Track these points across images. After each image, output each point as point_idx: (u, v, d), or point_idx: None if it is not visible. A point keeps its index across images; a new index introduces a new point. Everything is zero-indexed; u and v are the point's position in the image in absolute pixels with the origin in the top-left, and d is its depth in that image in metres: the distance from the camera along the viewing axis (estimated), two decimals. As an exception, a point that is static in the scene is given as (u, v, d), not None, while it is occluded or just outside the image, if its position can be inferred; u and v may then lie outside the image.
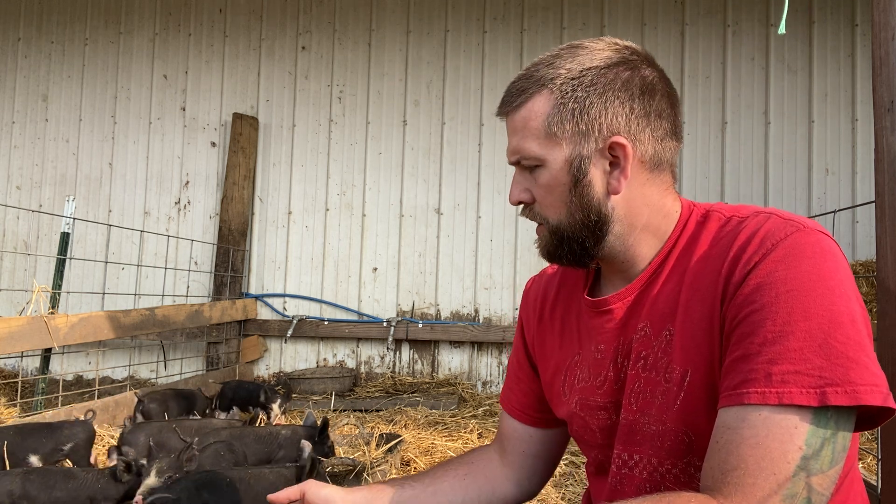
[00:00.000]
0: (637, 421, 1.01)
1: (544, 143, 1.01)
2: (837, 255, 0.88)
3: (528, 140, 1.02)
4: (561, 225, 1.04)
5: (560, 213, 1.04)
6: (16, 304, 5.52)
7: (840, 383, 0.79)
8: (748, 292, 0.88)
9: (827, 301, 0.83)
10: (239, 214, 5.31)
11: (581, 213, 1.02)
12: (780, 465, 0.79)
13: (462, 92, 5.38)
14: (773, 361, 0.82)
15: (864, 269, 4.21)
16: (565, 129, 1.00)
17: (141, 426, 2.79)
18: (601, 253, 1.05)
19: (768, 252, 0.89)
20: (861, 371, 0.80)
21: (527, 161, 1.03)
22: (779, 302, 0.84)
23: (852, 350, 0.81)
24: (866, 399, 0.79)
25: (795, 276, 0.85)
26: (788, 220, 0.93)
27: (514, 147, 1.04)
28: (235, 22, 5.64)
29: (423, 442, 3.35)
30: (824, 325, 0.82)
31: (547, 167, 1.02)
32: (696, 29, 5.24)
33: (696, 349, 0.94)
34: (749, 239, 0.92)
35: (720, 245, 0.96)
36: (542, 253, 1.11)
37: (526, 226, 5.23)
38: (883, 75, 1.68)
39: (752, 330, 0.85)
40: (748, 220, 0.96)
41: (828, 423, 0.80)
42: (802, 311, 0.83)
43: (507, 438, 1.29)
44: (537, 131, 1.01)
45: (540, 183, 1.03)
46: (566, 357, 1.17)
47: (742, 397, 0.83)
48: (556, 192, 1.02)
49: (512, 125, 1.04)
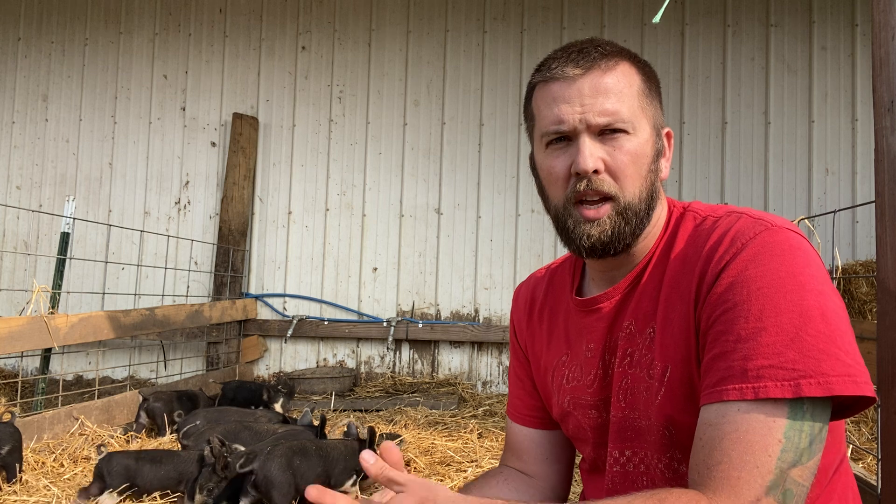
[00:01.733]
0: (627, 417, 1.03)
1: (637, 111, 0.99)
2: (808, 252, 0.90)
3: (624, 104, 0.98)
4: (634, 199, 0.99)
5: (636, 185, 1.00)
6: (16, 304, 5.52)
7: (813, 375, 0.81)
8: (721, 291, 0.89)
9: (797, 296, 0.85)
10: (239, 214, 5.31)
11: (651, 189, 1.02)
12: (762, 458, 0.80)
13: (462, 92, 5.38)
14: (748, 357, 0.84)
15: (864, 269, 4.21)
16: (650, 104, 1.02)
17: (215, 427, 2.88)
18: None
19: (738, 251, 0.90)
20: (833, 362, 0.82)
21: (621, 125, 0.98)
22: (751, 300, 0.86)
23: (823, 342, 0.82)
24: (839, 389, 0.81)
25: (765, 274, 0.87)
26: (758, 219, 0.94)
27: (608, 109, 0.97)
28: (235, 22, 5.64)
29: (423, 442, 3.35)
30: (795, 319, 0.83)
31: (636, 135, 0.99)
32: (696, 29, 5.24)
33: (675, 346, 0.96)
34: (720, 239, 0.94)
35: (695, 245, 0.98)
36: (601, 240, 1.00)
37: (526, 226, 5.24)
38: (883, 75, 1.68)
39: (727, 328, 0.87)
40: (720, 221, 0.98)
41: (804, 416, 0.82)
42: (774, 308, 0.85)
43: (522, 450, 1.26)
44: (633, 97, 0.99)
45: (625, 150, 0.98)
46: (553, 357, 1.18)
47: (721, 394, 0.85)
48: (639, 163, 0.99)
49: (602, 85, 0.98)
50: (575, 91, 0.98)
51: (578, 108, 0.97)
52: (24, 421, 3.07)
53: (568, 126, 0.98)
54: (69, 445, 3.09)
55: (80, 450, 3.06)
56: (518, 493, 1.19)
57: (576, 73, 0.98)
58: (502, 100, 5.33)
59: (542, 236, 5.22)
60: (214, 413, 3.28)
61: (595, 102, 0.97)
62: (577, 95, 0.98)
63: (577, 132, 0.98)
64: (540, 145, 1.05)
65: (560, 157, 1.01)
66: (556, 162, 1.01)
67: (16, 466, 2.58)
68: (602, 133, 0.98)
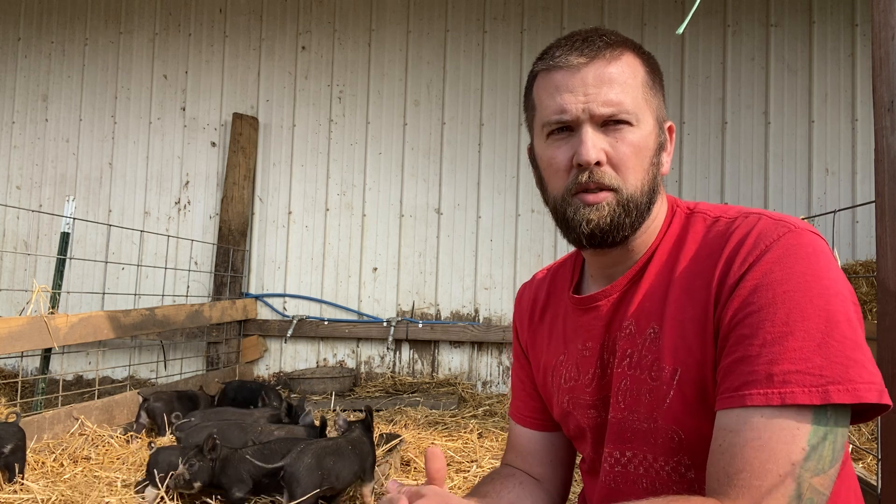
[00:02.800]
0: (626, 419, 1.01)
1: (641, 102, 0.98)
2: (829, 256, 0.89)
3: (628, 95, 0.96)
4: (636, 191, 0.98)
5: (638, 178, 0.98)
6: (16, 304, 5.52)
7: (841, 381, 0.80)
8: (745, 294, 0.87)
9: (823, 301, 0.83)
10: (239, 214, 5.31)
11: (654, 182, 1.00)
12: (785, 466, 0.79)
13: (462, 92, 5.38)
14: (774, 362, 0.82)
15: (864, 269, 4.21)
16: (653, 96, 1.01)
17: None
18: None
19: (763, 253, 0.88)
20: (859, 369, 0.81)
21: (625, 116, 0.96)
22: (776, 303, 0.84)
23: (850, 349, 0.81)
24: (866, 396, 0.80)
25: (792, 277, 0.85)
26: (779, 220, 0.93)
27: (612, 99, 0.95)
28: (235, 22, 5.64)
29: (423, 442, 3.35)
30: (822, 324, 0.82)
31: (640, 127, 0.97)
32: (696, 29, 5.24)
33: (687, 349, 0.93)
34: (742, 240, 0.92)
35: (711, 246, 0.96)
36: (600, 225, 0.97)
37: (526, 226, 5.23)
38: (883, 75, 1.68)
39: (752, 332, 0.85)
40: (738, 222, 0.96)
41: (828, 423, 0.80)
42: (800, 312, 0.83)
43: (527, 453, 1.24)
44: (637, 88, 0.98)
45: (628, 142, 0.96)
46: (552, 358, 1.17)
47: (744, 399, 0.82)
48: (641, 155, 0.98)
49: (606, 75, 0.96)
50: (578, 80, 0.96)
51: (582, 97, 0.95)
52: (24, 421, 3.07)
53: (571, 115, 0.96)
54: (69, 445, 3.09)
55: (80, 450, 3.06)
56: (533, 498, 1.18)
57: (580, 62, 0.96)
58: (502, 100, 5.33)
59: (542, 236, 5.22)
60: (212, 413, 3.30)
61: (599, 92, 0.95)
62: (581, 85, 0.95)
63: (579, 122, 0.96)
64: (540, 135, 1.02)
65: (562, 148, 0.98)
66: (557, 152, 0.99)
67: (15, 467, 2.58)
68: (605, 124, 0.96)
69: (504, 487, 1.19)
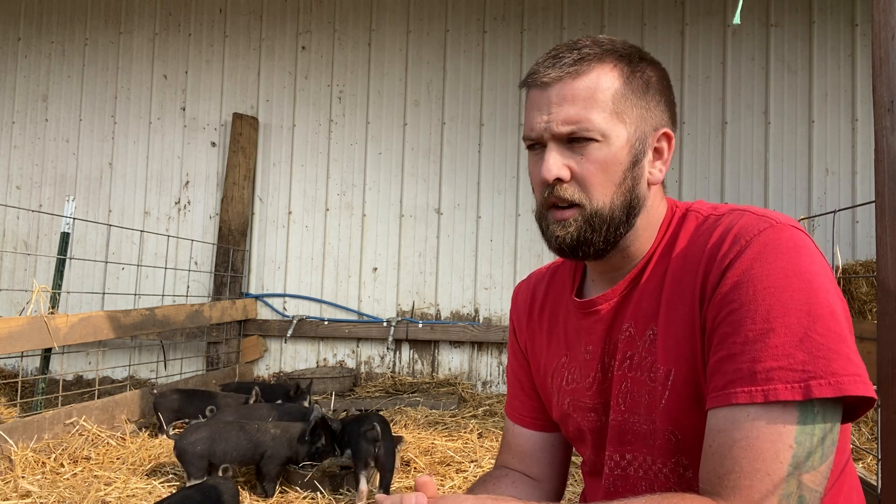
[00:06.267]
0: (626, 421, 1.01)
1: (609, 118, 0.97)
2: (812, 250, 0.88)
3: (592, 111, 0.96)
4: (604, 208, 0.98)
5: (607, 194, 0.98)
6: (16, 304, 5.52)
7: (823, 375, 0.79)
8: (726, 291, 0.88)
9: (805, 295, 0.83)
10: (239, 214, 5.31)
11: (628, 196, 0.99)
12: (773, 465, 0.79)
13: (462, 92, 5.38)
14: (757, 360, 0.82)
15: (864, 269, 4.20)
16: (632, 108, 0.99)
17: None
18: (620, 244, 1.02)
19: (742, 249, 0.89)
20: (843, 362, 0.80)
21: (587, 134, 0.96)
22: (757, 300, 0.84)
23: (833, 342, 0.81)
24: (850, 389, 0.79)
25: (772, 273, 0.85)
26: (762, 216, 0.92)
27: (571, 117, 0.96)
28: (235, 22, 5.64)
29: (423, 442, 3.35)
30: (804, 319, 0.82)
31: (607, 143, 0.97)
32: (696, 29, 5.24)
33: (678, 348, 0.94)
34: (722, 237, 0.92)
35: (697, 244, 0.96)
36: (566, 241, 1.00)
37: (526, 226, 5.23)
38: (883, 75, 1.68)
39: (734, 329, 0.85)
40: (722, 219, 0.96)
41: (815, 419, 0.80)
42: (781, 307, 0.83)
43: (523, 452, 1.24)
44: (604, 104, 0.96)
45: (593, 159, 0.97)
46: (553, 359, 1.17)
47: (729, 397, 0.83)
48: (610, 171, 0.97)
49: (569, 92, 0.96)
50: (545, 98, 0.98)
51: (546, 116, 0.97)
52: (24, 421, 3.07)
53: (536, 134, 0.99)
54: (69, 445, 3.09)
55: (80, 450, 3.06)
56: (528, 497, 1.17)
57: (548, 80, 0.98)
58: (502, 100, 5.33)
59: (541, 236, 5.21)
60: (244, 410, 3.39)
61: (560, 111, 0.96)
62: (546, 103, 0.98)
63: (543, 140, 0.99)
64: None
65: (537, 164, 1.01)
66: (533, 168, 1.03)
67: None
68: (571, 141, 0.97)
69: (496, 489, 1.19)
